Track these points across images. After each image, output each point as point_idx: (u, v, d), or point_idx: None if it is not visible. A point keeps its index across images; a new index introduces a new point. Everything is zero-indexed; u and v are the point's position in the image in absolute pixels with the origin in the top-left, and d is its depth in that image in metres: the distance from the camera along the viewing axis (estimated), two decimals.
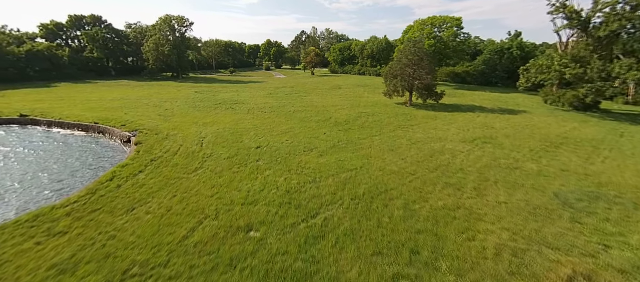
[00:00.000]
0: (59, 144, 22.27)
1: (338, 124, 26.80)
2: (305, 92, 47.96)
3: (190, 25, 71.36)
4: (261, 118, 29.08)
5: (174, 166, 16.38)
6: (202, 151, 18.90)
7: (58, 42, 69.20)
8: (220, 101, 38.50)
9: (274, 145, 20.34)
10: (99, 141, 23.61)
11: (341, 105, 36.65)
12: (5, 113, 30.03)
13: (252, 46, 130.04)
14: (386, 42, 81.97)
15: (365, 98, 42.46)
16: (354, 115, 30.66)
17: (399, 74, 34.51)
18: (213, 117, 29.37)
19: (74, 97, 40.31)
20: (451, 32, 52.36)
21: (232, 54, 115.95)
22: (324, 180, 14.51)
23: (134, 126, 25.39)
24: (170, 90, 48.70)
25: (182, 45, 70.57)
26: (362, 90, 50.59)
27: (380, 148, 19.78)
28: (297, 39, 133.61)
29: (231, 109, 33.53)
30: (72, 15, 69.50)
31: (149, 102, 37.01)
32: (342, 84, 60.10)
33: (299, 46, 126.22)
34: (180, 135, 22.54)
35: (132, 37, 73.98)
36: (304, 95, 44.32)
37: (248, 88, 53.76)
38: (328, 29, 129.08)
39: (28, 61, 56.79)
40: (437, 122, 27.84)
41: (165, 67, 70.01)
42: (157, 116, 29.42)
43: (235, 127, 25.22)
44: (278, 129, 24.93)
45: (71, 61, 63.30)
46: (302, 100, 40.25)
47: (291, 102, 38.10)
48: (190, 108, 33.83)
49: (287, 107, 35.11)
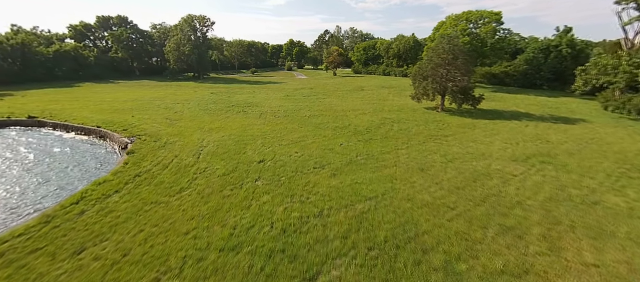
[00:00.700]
0: (55, 149, 20.65)
1: (358, 132, 23.32)
2: (324, 94, 44.73)
3: (211, 25, 70.55)
4: (272, 124, 26.22)
5: (158, 184, 13.76)
6: (196, 165, 16.23)
7: (86, 42, 70.99)
8: (233, 103, 36.23)
9: (281, 159, 17.28)
10: (98, 147, 21.80)
11: (363, 109, 33.05)
12: (17, 114, 29.40)
13: (275, 46, 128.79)
14: (414, 41, 76.86)
15: (390, 101, 38.50)
16: (376, 122, 27.01)
17: (429, 75, 30.33)
18: (221, 122, 26.94)
19: (90, 97, 39.80)
20: (489, 29, 46.86)
21: (254, 54, 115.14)
22: (333, 213, 11.20)
23: (136, 131, 23.45)
24: (187, 91, 47.38)
25: (203, 45, 69.88)
26: (387, 93, 46.54)
27: (407, 166, 16.11)
28: (320, 38, 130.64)
29: (243, 113, 31.02)
30: (100, 16, 71.10)
31: (162, 104, 35.46)
32: (365, 86, 56.26)
33: (322, 46, 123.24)
34: (179, 144, 20.13)
35: (156, 38, 74.52)
36: (322, 98, 41.10)
37: (265, 89, 51.44)
38: (352, 27, 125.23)
39: (56, 61, 58.18)
40: (476, 132, 23.53)
41: (187, 68, 69.66)
42: (163, 120, 27.47)
43: (241, 135, 22.50)
44: (288, 137, 21.89)
45: (97, 61, 64.43)
46: (320, 103, 37.07)
47: (308, 106, 35.02)
48: (200, 111, 31.73)
49: (302, 111, 32.06)
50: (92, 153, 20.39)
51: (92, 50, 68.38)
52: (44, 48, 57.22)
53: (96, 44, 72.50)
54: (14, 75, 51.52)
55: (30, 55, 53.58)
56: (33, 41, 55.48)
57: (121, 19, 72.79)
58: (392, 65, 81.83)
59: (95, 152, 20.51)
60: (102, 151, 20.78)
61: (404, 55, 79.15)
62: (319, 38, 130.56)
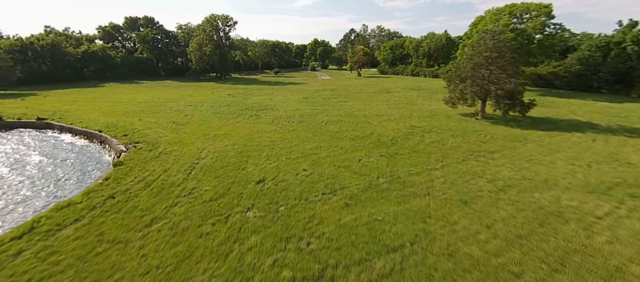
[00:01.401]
0: (51, 155, 19.10)
1: (381, 144, 19.76)
2: (346, 97, 41.28)
3: (234, 24, 69.46)
4: (284, 131, 23.31)
5: (129, 212, 11.20)
6: (183, 184, 13.60)
7: (115, 43, 72.69)
8: (248, 106, 33.87)
9: (285, 178, 14.24)
10: (95, 153, 20.04)
11: (388, 115, 29.29)
12: (30, 115, 28.84)
13: (299, 46, 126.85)
14: (447, 38, 71.13)
15: (420, 106, 34.31)
16: (404, 130, 23.25)
17: (468, 77, 25.99)
18: (230, 127, 24.48)
19: (108, 98, 39.27)
20: (538, 23, 40.95)
21: (278, 55, 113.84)
22: (341, 276, 7.92)
23: (136, 137, 21.52)
24: (205, 92, 45.95)
25: (225, 45, 68.95)
26: (416, 95, 42.18)
27: (444, 196, 12.43)
28: (346, 38, 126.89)
29: (255, 117, 28.45)
30: (128, 17, 72.51)
31: (175, 106, 33.86)
32: (391, 87, 52.05)
33: (347, 46, 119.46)
34: (175, 154, 17.74)
35: (181, 38, 74.82)
36: (343, 101, 37.69)
37: (285, 91, 48.89)
38: (380, 26, 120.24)
39: (84, 62, 59.53)
40: (529, 148, 19.10)
41: (209, 68, 69.08)
42: (169, 124, 25.50)
43: (247, 144, 19.77)
44: (299, 149, 18.82)
45: (123, 62, 65.46)
46: (340, 107, 33.71)
47: (326, 110, 31.80)
48: (211, 114, 29.58)
49: (320, 116, 28.90)
50: (85, 161, 18.56)
51: (120, 51, 69.75)
52: (73, 49, 58.71)
53: (124, 45, 74.03)
54: (44, 75, 53.03)
55: (59, 56, 55.02)
56: (62, 42, 57.05)
57: (148, 20, 73.79)
58: (422, 65, 76.49)
59: (89, 160, 18.66)
60: (102, 157, 18.90)
61: (435, 54, 73.61)
62: (344, 37, 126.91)
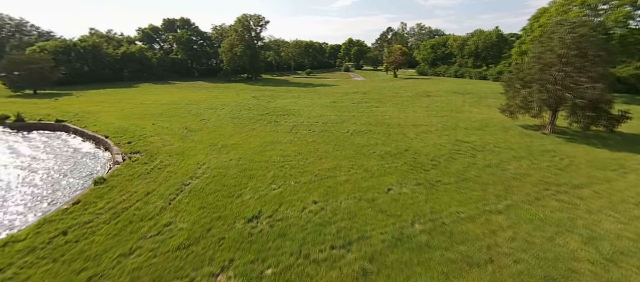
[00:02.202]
0: (49, 162, 17.64)
1: (418, 165, 15.54)
2: (379, 101, 36.93)
3: (265, 24, 67.95)
4: (302, 142, 19.92)
5: (69, 261, 8.46)
6: (158, 217, 10.73)
7: (154, 45, 74.94)
8: (269, 110, 31.09)
9: (286, 215, 10.81)
10: (97, 160, 18.28)
11: (428, 124, 24.67)
12: (53, 116, 28.58)
13: (333, 46, 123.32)
14: (498, 36, 63.23)
15: (467, 114, 29.04)
16: (448, 146, 18.70)
17: (535, 80, 20.58)
18: (243, 136, 21.69)
19: (135, 99, 38.92)
20: (621, 14, 33.25)
21: (311, 55, 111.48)
22: None
23: (140, 145, 19.50)
24: (230, 94, 44.28)
25: (256, 45, 67.67)
26: (461, 101, 36.59)
27: (518, 268, 8.12)
28: (382, 37, 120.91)
29: (273, 124, 25.45)
30: (166, 19, 74.40)
31: (195, 109, 32.13)
32: (431, 91, 46.51)
33: (383, 45, 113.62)
34: (169, 170, 15.13)
35: (214, 39, 75.15)
36: (375, 106, 33.44)
37: (313, 93, 45.67)
38: (420, 24, 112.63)
39: (123, 63, 61.49)
40: (632, 181, 13.70)
41: (240, 69, 68.29)
42: (180, 130, 23.39)
43: (254, 159, 16.68)
44: (314, 168, 15.28)
45: (159, 63, 66.89)
46: (371, 113, 29.58)
47: (355, 117, 27.90)
48: (228, 120, 27.17)
49: (346, 124, 25.12)
50: (81, 171, 16.72)
51: (158, 52, 71.60)
52: (113, 50, 60.87)
53: (162, 46, 76.11)
54: (85, 75, 55.32)
55: (100, 57, 57.19)
56: (103, 44, 59.34)
57: (184, 22, 75.10)
58: (467, 66, 69.11)
59: (84, 170, 16.80)
60: (90, 169, 16.98)
61: (483, 53, 65.95)
62: (381, 36, 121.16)
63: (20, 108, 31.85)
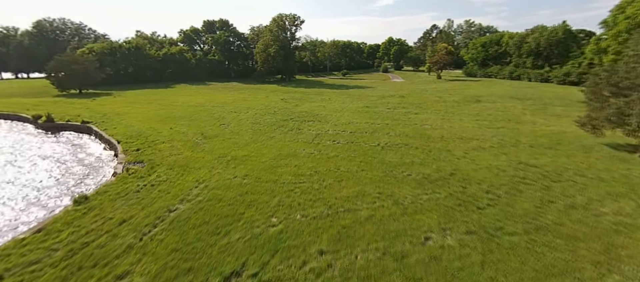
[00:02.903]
0: (49, 171, 16.75)
1: (468, 199, 11.66)
2: (418, 107, 32.53)
3: (301, 24, 66.03)
4: (322, 157, 16.88)
5: None
6: (116, 261, 8.41)
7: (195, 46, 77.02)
8: (295, 115, 28.52)
9: (279, 273, 7.86)
10: (101, 168, 17.05)
11: (479, 138, 20.20)
12: (84, 116, 28.81)
13: (372, 46, 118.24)
14: (565, 32, 54.40)
15: (530, 126, 23.79)
16: (509, 172, 14.40)
17: (635, 86, 15.28)
18: (258, 146, 19.27)
19: (166, 100, 38.85)
20: None
21: (349, 55, 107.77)
22: None
23: (147, 153, 17.99)
24: (259, 96, 42.69)
25: (290, 46, 66.04)
26: (521, 108, 30.83)
27: None
28: (426, 35, 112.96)
29: (295, 131, 22.75)
30: (206, 20, 76.04)
31: (218, 112, 30.71)
32: (482, 95, 40.64)
33: (427, 44, 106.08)
34: (161, 189, 13.02)
35: (251, 40, 75.13)
36: (414, 113, 29.21)
37: (345, 96, 42.35)
38: (468, 20, 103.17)
39: (163, 64, 63.53)
40: None
41: (274, 70, 67.21)
42: (195, 136, 21.68)
43: (260, 178, 14.05)
44: (329, 195, 12.16)
45: (197, 63, 68.24)
46: (408, 122, 25.56)
47: (389, 125, 24.15)
48: (249, 125, 25.08)
49: (378, 134, 21.56)
50: (83, 178, 15.43)
51: (196, 54, 73.33)
52: (155, 51, 63.12)
53: (202, 47, 77.94)
54: (128, 76, 57.86)
55: (142, 58, 59.47)
56: (146, 45, 61.73)
57: (223, 23, 76.13)
58: (525, 66, 60.82)
59: (85, 179, 15.48)
60: (91, 178, 15.61)
61: (546, 52, 57.36)
62: (424, 35, 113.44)
63: (58, 107, 33.03)
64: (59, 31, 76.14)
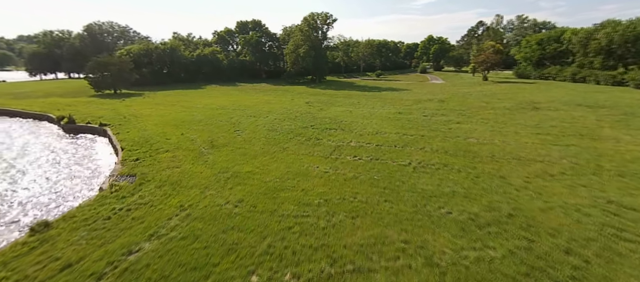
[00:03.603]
0: (40, 181, 15.58)
1: (539, 264, 7.87)
2: (461, 114, 27.92)
3: (333, 22, 63.05)
4: (337, 178, 13.80)
5: None
6: None
7: (228, 47, 77.53)
8: (316, 122, 25.67)
9: None
10: (88, 181, 15.59)
11: (544, 160, 15.72)
12: (106, 117, 28.54)
13: (410, 45, 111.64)
14: None
15: (613, 143, 18.50)
16: (596, 217, 10.21)
17: None
18: (266, 159, 16.72)
19: (189, 101, 38.09)
20: None
21: (384, 55, 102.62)
22: None
23: (146, 164, 16.32)
24: (283, 99, 40.49)
25: (321, 45, 63.38)
26: (594, 119, 25.00)
27: None
28: (471, 32, 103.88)
29: (313, 142, 19.87)
30: (239, 21, 76.06)
31: (236, 116, 28.86)
32: (540, 100, 34.56)
33: (471, 42, 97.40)
34: (134, 217, 10.86)
35: (282, 40, 73.77)
36: (456, 122, 24.82)
37: (376, 100, 38.57)
38: (521, 16, 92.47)
39: (197, 65, 64.24)
40: None
41: (303, 70, 65.01)
42: (203, 144, 19.73)
43: (255, 208, 11.38)
44: (336, 241, 9.12)
45: (229, 64, 68.26)
46: (449, 133, 21.40)
47: (425, 137, 20.26)
48: (264, 133, 22.70)
49: (410, 148, 17.89)
50: (69, 193, 13.92)
51: (231, 54, 73.61)
52: (189, 53, 64.04)
53: (235, 48, 78.22)
54: (163, 76, 59.09)
55: (177, 59, 60.50)
56: (180, 46, 62.81)
57: (255, 23, 75.67)
58: (593, 67, 52.12)
59: (68, 196, 13.96)
60: (78, 193, 14.05)
61: (620, 50, 48.45)
62: (469, 32, 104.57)
63: (86, 108, 33.43)
64: (106, 33, 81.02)
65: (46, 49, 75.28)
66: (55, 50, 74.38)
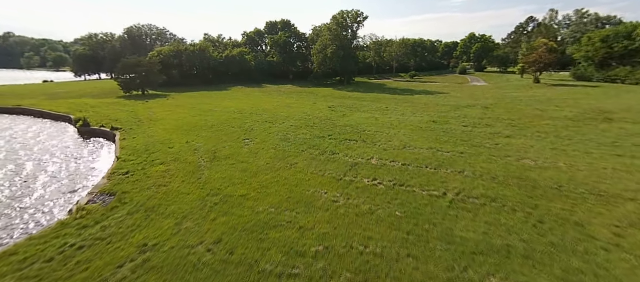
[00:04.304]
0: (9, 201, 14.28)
1: None
2: (511, 125, 23.28)
3: (363, 20, 59.50)
4: (347, 213, 10.77)
5: None
6: None
7: (257, 48, 76.92)
8: (335, 131, 22.68)
9: None
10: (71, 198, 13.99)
11: (635, 196, 11.31)
12: (127, 119, 27.92)
13: (448, 44, 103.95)
14: None
15: None
16: None
17: None
18: (269, 177, 14.19)
19: (208, 104, 36.85)
20: None
21: (420, 55, 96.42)
22: None
23: (134, 179, 14.50)
24: (305, 102, 37.89)
25: (351, 45, 60.05)
26: None
27: None
28: (519, 29, 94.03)
29: (327, 157, 16.94)
30: (268, 21, 75.09)
31: (249, 122, 26.77)
32: (612, 109, 28.45)
33: (519, 40, 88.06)
34: (80, 261, 8.71)
35: (311, 40, 71.47)
36: (505, 136, 20.39)
37: (407, 104, 34.56)
38: (580, 10, 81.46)
39: (225, 66, 63.98)
40: None
41: (331, 71, 62.08)
42: (205, 156, 17.66)
43: (231, 256, 8.78)
44: None
45: (256, 65, 67.28)
46: (496, 151, 17.26)
47: (465, 155, 16.39)
48: (274, 143, 20.21)
49: (445, 170, 14.25)
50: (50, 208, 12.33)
51: (259, 55, 72.84)
52: (217, 54, 63.96)
53: (263, 49, 77.41)
54: (192, 77, 59.43)
55: (205, 60, 60.57)
56: (209, 47, 62.85)
57: (284, 23, 74.21)
58: None
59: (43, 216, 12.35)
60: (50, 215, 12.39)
61: None
62: (517, 29, 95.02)
63: (108, 109, 33.30)
64: (144, 35, 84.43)
65: (91, 51, 79.93)
66: (99, 52, 78.73)
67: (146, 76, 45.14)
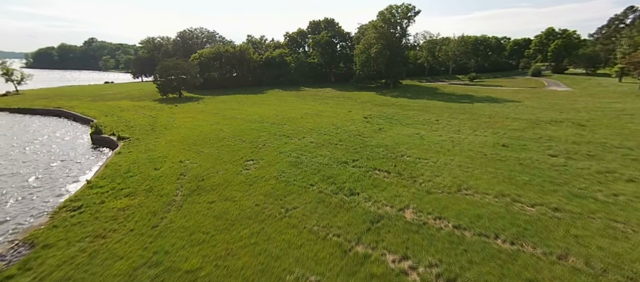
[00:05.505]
0: None
1: None
2: (632, 159, 15.43)
3: (415, 15, 52.28)
4: None
5: None
6: None
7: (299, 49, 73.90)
8: (363, 156, 17.37)
9: None
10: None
11: None
12: (148, 125, 26.57)
13: (518, 41, 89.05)
14: None
15: None
16: None
17: None
18: (248, 233, 9.87)
19: (234, 111, 33.96)
20: None
21: (482, 54, 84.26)
22: None
23: (65, 227, 11.15)
24: (339, 110, 32.78)
25: (399, 44, 53.27)
26: None
27: None
28: (612, 23, 76.58)
29: (342, 199, 11.93)
30: (312, 21, 71.34)
31: (265, 137, 22.77)
32: None
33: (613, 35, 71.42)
34: None
35: (355, 40, 65.99)
36: (624, 179, 12.98)
37: (464, 116, 27.38)
38: None
39: (264, 68, 61.93)
40: None
41: (375, 74, 55.90)
42: (189, 185, 14.06)
43: None
44: None
45: (296, 67, 64.08)
46: (616, 209, 10.34)
47: (563, 213, 9.90)
48: (282, 169, 15.77)
49: (528, 252, 8.13)
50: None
51: (300, 56, 69.69)
52: (257, 56, 62.13)
53: (306, 50, 74.05)
54: (231, 80, 58.44)
55: (245, 62, 59.10)
56: (249, 49, 61.24)
57: (328, 23, 69.86)
58: None
59: None
60: None
61: None
62: (610, 23, 77.91)
63: (135, 113, 32.17)
64: (195, 38, 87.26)
65: (148, 54, 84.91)
66: (155, 54, 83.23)
67: (183, 79, 44.38)
